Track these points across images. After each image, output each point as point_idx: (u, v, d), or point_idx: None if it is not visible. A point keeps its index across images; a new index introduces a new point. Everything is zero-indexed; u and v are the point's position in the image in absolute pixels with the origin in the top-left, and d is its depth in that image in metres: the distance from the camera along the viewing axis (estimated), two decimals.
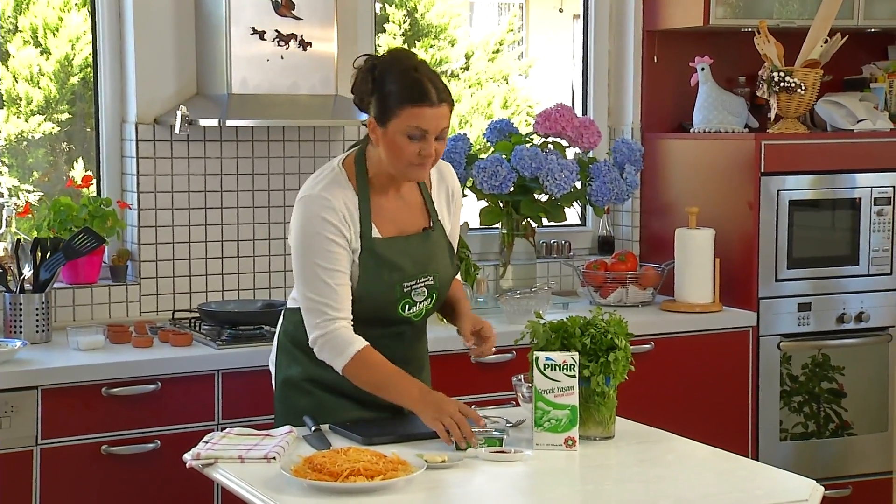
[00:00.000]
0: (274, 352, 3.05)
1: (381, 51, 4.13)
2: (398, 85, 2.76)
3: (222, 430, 2.85)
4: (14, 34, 4.38)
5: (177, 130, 3.83)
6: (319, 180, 2.86)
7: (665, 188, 4.59)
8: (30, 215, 3.97)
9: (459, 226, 3.11)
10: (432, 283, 2.92)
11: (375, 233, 2.85)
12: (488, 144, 4.33)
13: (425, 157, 2.78)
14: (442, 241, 2.97)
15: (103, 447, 3.36)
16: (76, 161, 4.28)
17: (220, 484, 2.60)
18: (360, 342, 2.78)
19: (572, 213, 4.72)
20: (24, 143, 4.34)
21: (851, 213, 4.38)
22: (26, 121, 4.37)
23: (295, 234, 2.84)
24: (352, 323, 2.81)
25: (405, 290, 2.88)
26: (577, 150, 4.31)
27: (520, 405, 2.93)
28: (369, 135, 2.85)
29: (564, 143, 4.27)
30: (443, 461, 2.55)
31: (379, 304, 2.86)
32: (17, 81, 4.39)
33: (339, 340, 2.78)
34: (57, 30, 4.42)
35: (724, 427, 4.13)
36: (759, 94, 4.40)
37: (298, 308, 2.89)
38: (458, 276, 3.14)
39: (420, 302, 2.92)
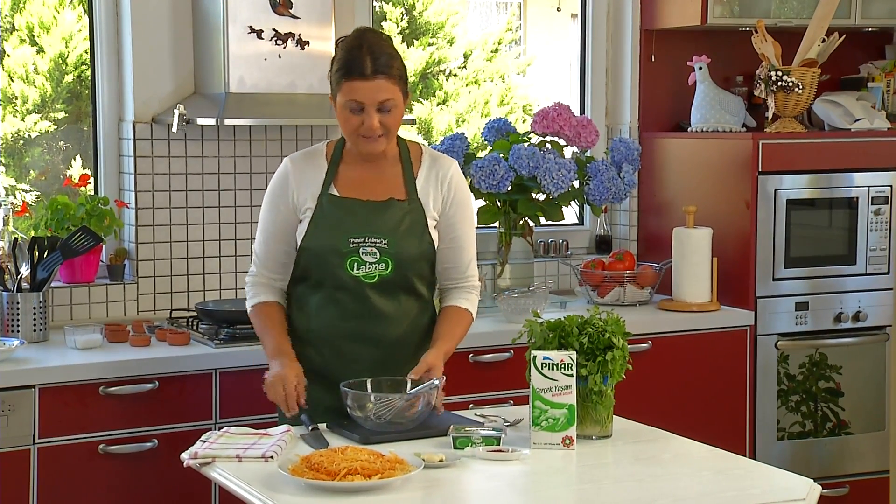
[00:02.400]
0: None
1: None
2: (340, 62, 2.91)
3: (220, 429, 2.85)
4: (11, 33, 4.37)
5: (174, 129, 3.83)
6: (299, 151, 3.09)
7: (662, 187, 4.60)
8: (27, 214, 3.97)
9: (467, 229, 3.05)
10: (385, 246, 2.93)
11: (333, 191, 2.98)
12: (486, 143, 4.33)
13: (368, 130, 2.89)
14: (413, 218, 2.97)
15: (101, 446, 3.36)
16: (73, 160, 4.28)
17: (217, 483, 2.60)
18: (268, 298, 3.03)
19: (570, 213, 4.72)
20: (21, 142, 4.34)
21: (849, 212, 4.38)
22: (22, 119, 4.36)
23: None
24: (277, 279, 3.03)
25: (351, 244, 2.92)
26: (575, 149, 4.31)
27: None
28: None
29: (562, 142, 4.27)
30: (440, 460, 2.56)
31: (325, 255, 2.93)
32: (12, 80, 4.39)
33: (254, 288, 3.06)
34: (50, 28, 4.42)
35: (721, 426, 4.13)
36: (756, 93, 4.40)
37: (289, 296, 3.07)
38: (466, 307, 3.04)
39: (371, 263, 2.93)
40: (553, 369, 2.68)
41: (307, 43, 3.92)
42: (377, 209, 2.96)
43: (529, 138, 4.27)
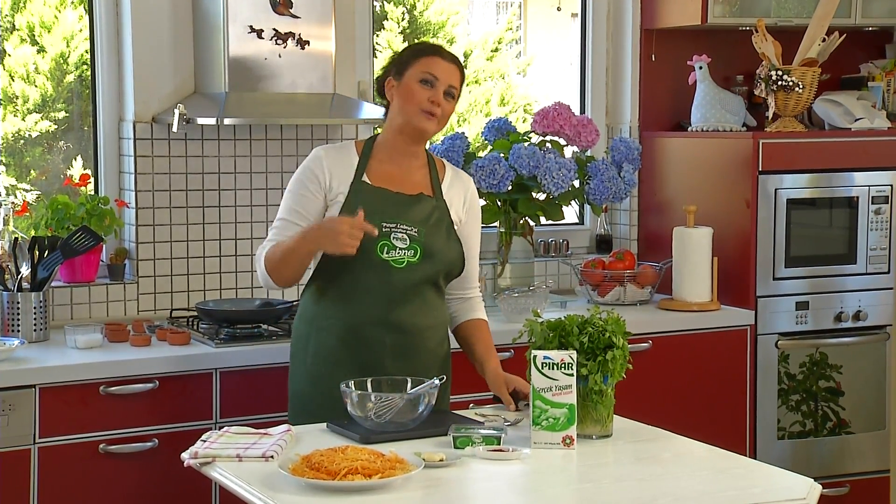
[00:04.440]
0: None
1: (379, 49, 4.14)
2: (414, 48, 3.13)
3: (220, 428, 2.85)
4: (11, 32, 4.37)
5: (174, 129, 3.83)
6: (329, 144, 3.18)
7: (663, 187, 4.59)
8: (27, 214, 3.97)
9: (478, 240, 3.22)
10: (416, 235, 3.01)
11: (365, 180, 3.07)
12: (486, 143, 4.33)
13: (434, 105, 3.01)
14: (439, 215, 3.08)
15: (101, 446, 3.36)
16: (74, 159, 4.28)
17: (218, 483, 2.60)
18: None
19: (570, 212, 4.72)
20: (22, 141, 4.34)
21: (849, 211, 4.38)
22: (23, 119, 4.36)
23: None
24: None
25: (384, 229, 2.99)
26: (575, 148, 4.31)
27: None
28: (387, 97, 3.10)
29: (562, 141, 4.27)
30: (441, 460, 2.56)
31: None
32: (13, 80, 4.39)
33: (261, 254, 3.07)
34: (52, 27, 4.41)
35: (721, 425, 4.13)
36: (756, 92, 4.40)
37: (308, 287, 3.12)
38: (486, 319, 3.23)
39: (401, 249, 3.00)
40: (553, 369, 2.68)
41: (307, 43, 3.92)
42: (409, 201, 3.06)
43: (530, 138, 4.27)
